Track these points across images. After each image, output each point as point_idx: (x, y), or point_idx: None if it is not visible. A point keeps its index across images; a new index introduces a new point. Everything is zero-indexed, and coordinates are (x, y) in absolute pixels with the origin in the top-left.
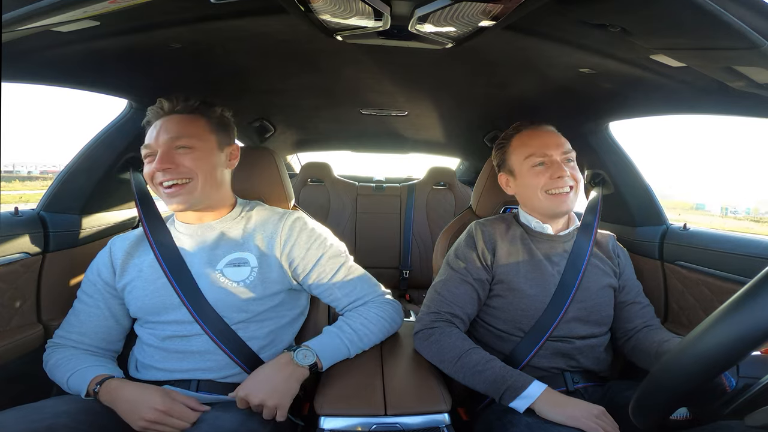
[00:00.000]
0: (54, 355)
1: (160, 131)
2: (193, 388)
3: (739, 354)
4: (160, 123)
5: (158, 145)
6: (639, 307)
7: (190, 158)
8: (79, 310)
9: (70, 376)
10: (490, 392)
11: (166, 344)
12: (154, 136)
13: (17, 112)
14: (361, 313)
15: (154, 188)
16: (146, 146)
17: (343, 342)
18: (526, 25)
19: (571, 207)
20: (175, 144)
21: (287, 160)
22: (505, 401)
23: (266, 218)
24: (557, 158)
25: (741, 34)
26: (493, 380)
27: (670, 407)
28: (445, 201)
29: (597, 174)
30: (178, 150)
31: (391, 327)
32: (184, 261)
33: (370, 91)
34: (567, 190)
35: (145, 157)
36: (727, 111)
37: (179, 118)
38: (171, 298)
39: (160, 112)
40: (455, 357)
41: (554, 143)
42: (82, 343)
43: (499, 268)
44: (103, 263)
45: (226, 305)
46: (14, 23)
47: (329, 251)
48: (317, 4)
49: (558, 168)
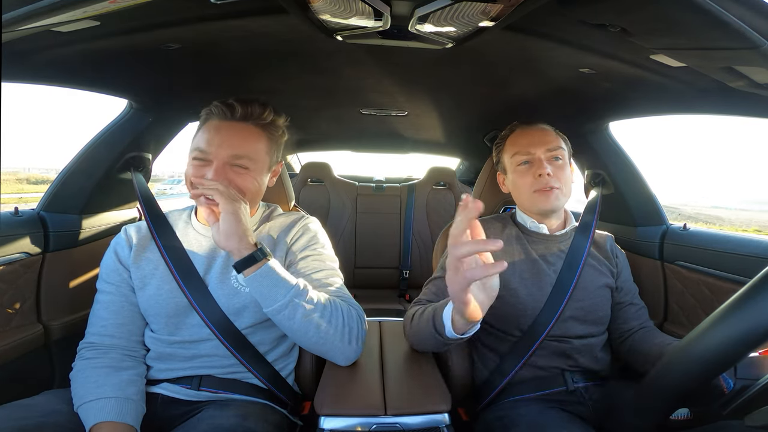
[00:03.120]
0: (78, 364)
1: (223, 142)
2: (195, 386)
3: (739, 354)
4: (225, 129)
5: (216, 156)
6: (635, 309)
7: (242, 179)
8: (108, 302)
9: (79, 406)
10: (431, 337)
11: (173, 348)
12: (214, 144)
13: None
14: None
15: (189, 188)
16: (200, 150)
17: (288, 290)
18: (526, 25)
19: (557, 205)
20: (233, 161)
21: (287, 160)
22: (443, 334)
23: (283, 223)
24: (540, 156)
25: (741, 34)
26: (427, 319)
27: (668, 408)
28: (445, 201)
29: (597, 174)
30: (233, 167)
31: (344, 319)
32: (195, 268)
33: (370, 91)
34: (552, 187)
35: (195, 159)
36: (727, 111)
37: (246, 132)
38: (182, 302)
39: (228, 115)
40: (416, 327)
41: (540, 141)
42: (116, 347)
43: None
44: (121, 248)
45: (237, 310)
46: (14, 23)
47: (321, 256)
48: (317, 4)
49: (539, 165)
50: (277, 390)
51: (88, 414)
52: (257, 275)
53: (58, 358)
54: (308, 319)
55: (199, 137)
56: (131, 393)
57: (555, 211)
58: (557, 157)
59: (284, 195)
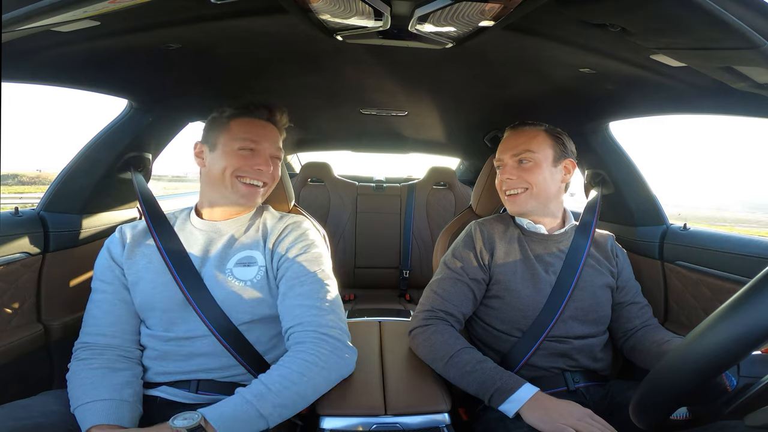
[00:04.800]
0: (74, 365)
1: (268, 137)
2: (193, 389)
3: (739, 353)
4: (265, 127)
5: (262, 148)
6: (637, 308)
7: (274, 168)
8: (101, 301)
9: (76, 408)
10: (480, 394)
11: (169, 346)
12: (261, 138)
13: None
14: (283, 363)
15: (227, 178)
16: (252, 140)
17: (252, 405)
18: (526, 25)
19: (525, 209)
20: (272, 153)
21: (287, 160)
22: (494, 404)
23: (272, 221)
24: (507, 161)
25: (741, 34)
26: (482, 381)
27: (670, 407)
28: (445, 201)
29: (597, 174)
30: (272, 158)
31: (322, 374)
32: (191, 262)
33: (370, 90)
34: (517, 191)
35: (241, 148)
36: (727, 111)
37: (275, 132)
38: (177, 295)
39: (264, 115)
40: (446, 355)
41: (510, 146)
42: (111, 347)
43: (496, 269)
44: (114, 246)
45: (233, 305)
46: (14, 23)
47: (307, 254)
48: (317, 4)
49: (503, 170)
50: None
51: (84, 416)
52: (216, 419)
53: (57, 358)
54: (292, 394)
55: (240, 130)
56: (127, 395)
57: (525, 213)
58: (523, 160)
59: (284, 195)
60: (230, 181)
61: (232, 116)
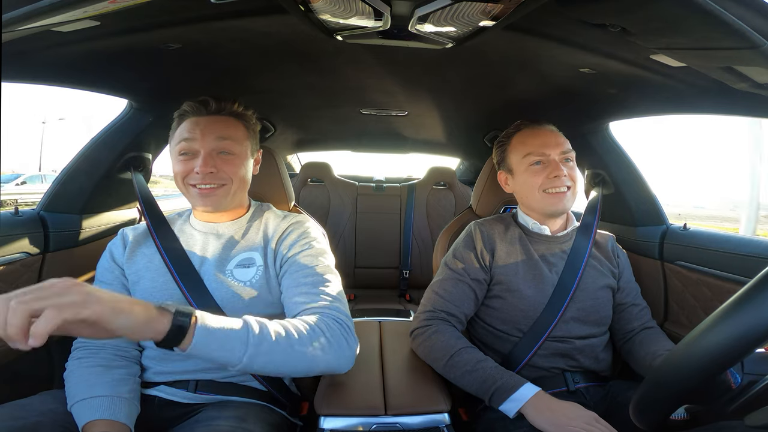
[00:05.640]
0: (70, 364)
1: (205, 132)
2: (192, 389)
3: (740, 353)
4: (204, 122)
5: (202, 146)
6: (637, 309)
7: (229, 165)
8: None
9: (72, 405)
10: (480, 393)
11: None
12: (197, 137)
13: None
14: (290, 321)
15: (181, 185)
16: (187, 141)
17: (243, 343)
18: (526, 25)
19: (567, 207)
20: (219, 148)
21: (287, 160)
22: (495, 403)
23: (273, 220)
24: (555, 158)
25: (741, 34)
26: (483, 380)
27: (672, 405)
28: (445, 201)
29: (597, 174)
30: (220, 154)
31: (324, 349)
32: (191, 262)
33: (370, 90)
34: (564, 189)
35: (180, 153)
36: (727, 111)
37: (224, 122)
38: (177, 295)
39: (203, 111)
40: (447, 355)
41: (553, 142)
42: (107, 346)
43: (497, 269)
44: (116, 247)
45: (232, 305)
46: (14, 23)
47: (311, 250)
48: (317, 4)
49: (555, 167)
50: (276, 391)
51: (80, 412)
52: (199, 342)
53: (57, 358)
54: (289, 350)
55: (179, 134)
56: (123, 392)
57: (564, 212)
58: (569, 159)
59: (284, 195)
60: (185, 188)
61: (175, 118)
